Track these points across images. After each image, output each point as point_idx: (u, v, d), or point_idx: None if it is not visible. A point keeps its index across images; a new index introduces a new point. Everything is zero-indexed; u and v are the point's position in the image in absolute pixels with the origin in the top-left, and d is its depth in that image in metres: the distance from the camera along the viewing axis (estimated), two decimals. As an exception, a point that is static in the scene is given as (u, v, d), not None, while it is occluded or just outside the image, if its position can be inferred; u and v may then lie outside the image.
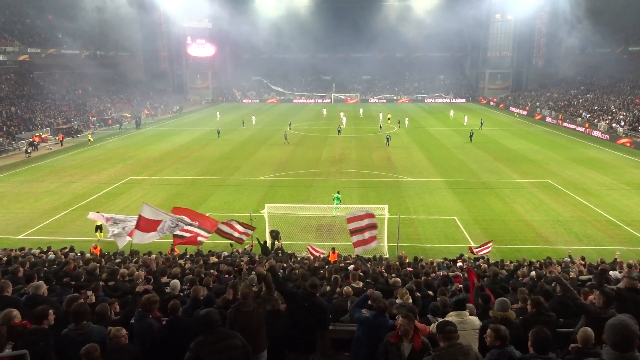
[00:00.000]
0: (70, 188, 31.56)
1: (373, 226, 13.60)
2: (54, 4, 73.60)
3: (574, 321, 6.41)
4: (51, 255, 14.59)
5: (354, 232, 13.60)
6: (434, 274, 12.28)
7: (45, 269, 10.77)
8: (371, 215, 13.80)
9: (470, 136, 48.27)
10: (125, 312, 6.74)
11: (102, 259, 14.64)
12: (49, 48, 68.16)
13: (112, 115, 66.95)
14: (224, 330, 5.53)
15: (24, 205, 27.89)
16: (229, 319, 6.05)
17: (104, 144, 49.79)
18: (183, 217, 12.38)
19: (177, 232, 12.99)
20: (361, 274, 10.15)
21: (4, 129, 47.94)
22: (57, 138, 49.46)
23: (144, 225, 11.50)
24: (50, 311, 5.64)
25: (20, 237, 22.72)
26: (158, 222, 11.67)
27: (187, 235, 13.37)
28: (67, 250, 16.40)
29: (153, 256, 14.15)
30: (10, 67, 62.42)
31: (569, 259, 16.42)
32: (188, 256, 17.04)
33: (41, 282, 7.19)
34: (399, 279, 9.21)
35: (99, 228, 21.65)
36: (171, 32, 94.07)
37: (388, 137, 46.62)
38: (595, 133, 52.55)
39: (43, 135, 49.29)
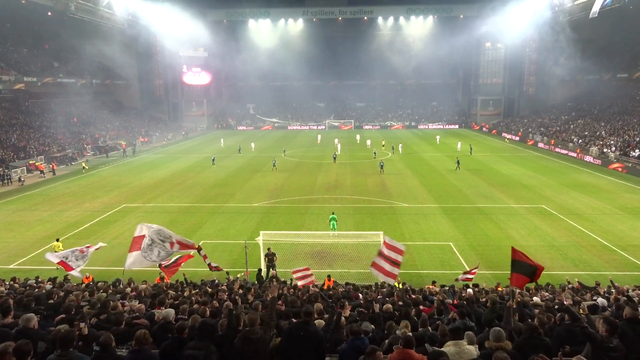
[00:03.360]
0: (63, 216, 31.29)
1: (397, 263, 12.77)
2: (50, 34, 74.45)
3: (581, 349, 6.48)
4: (48, 286, 14.30)
5: (381, 255, 12.66)
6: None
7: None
8: (401, 252, 12.96)
9: (457, 164, 47.21)
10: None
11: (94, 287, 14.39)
12: (45, 77, 68.57)
13: (106, 143, 67.03)
14: (206, 342, 5.91)
15: (15, 234, 27.58)
16: (237, 346, 5.99)
17: (98, 172, 49.65)
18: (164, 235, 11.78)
19: (165, 262, 13.02)
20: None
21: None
22: (50, 166, 49.32)
23: (132, 244, 11.21)
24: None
25: (11, 266, 22.39)
26: (141, 237, 11.25)
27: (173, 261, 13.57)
28: (62, 280, 16.15)
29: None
30: (5, 96, 62.65)
31: (566, 284, 16.37)
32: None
33: (32, 314, 7.02)
34: (390, 306, 9.15)
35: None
36: (167, 60, 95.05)
37: (381, 163, 46.72)
38: (587, 158, 53.08)
39: (37, 164, 49.15)
